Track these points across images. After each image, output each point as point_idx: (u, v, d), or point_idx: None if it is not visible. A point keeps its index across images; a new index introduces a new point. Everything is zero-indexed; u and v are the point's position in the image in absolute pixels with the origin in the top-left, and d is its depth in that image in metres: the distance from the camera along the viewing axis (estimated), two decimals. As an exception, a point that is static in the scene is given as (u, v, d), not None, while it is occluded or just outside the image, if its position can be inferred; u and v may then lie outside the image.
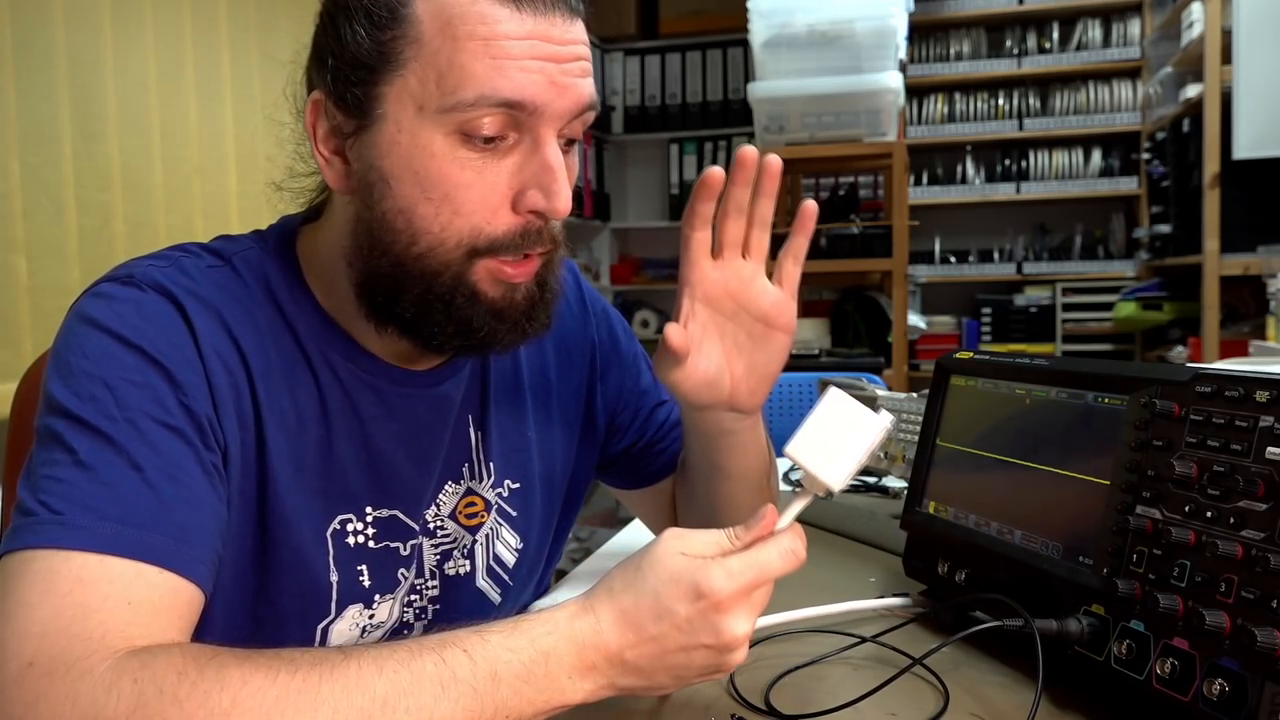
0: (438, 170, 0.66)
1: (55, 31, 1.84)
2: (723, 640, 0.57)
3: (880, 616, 0.84)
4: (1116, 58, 3.91)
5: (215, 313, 0.69)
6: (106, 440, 0.60)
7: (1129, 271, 3.90)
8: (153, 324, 0.65)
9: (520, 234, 0.68)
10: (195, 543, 0.61)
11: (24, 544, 0.56)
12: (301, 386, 0.73)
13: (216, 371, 0.67)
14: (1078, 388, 0.74)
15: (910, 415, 1.15)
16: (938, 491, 0.87)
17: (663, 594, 0.57)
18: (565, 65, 0.66)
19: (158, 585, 0.57)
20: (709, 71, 4.21)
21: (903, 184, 2.79)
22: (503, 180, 0.67)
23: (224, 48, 2.30)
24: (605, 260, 4.41)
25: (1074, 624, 0.66)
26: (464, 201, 0.66)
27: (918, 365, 3.78)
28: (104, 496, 0.58)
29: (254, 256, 0.74)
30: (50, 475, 0.59)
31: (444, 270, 0.68)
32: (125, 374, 0.62)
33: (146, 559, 0.57)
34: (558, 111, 0.66)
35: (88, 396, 0.61)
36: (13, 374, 0.94)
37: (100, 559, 0.56)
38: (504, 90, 0.64)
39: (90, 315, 0.65)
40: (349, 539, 0.75)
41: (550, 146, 0.67)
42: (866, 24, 2.60)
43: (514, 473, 0.85)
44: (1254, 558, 0.56)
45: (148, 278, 0.68)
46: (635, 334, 1.00)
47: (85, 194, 1.91)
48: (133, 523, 0.58)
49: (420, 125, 0.66)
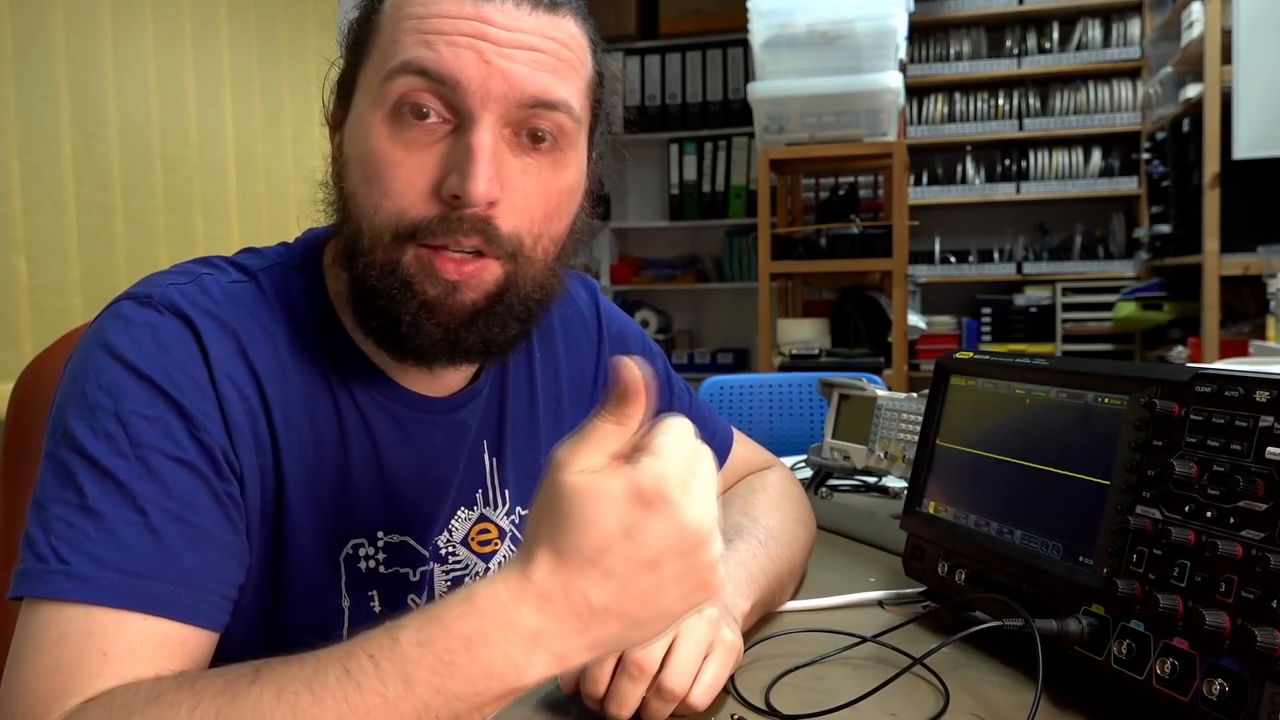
0: (373, 150, 0.65)
1: (55, 31, 1.84)
2: (688, 533, 0.52)
3: (880, 616, 0.84)
4: (1116, 58, 3.91)
5: (233, 336, 0.68)
6: (115, 483, 0.60)
7: (1129, 271, 3.90)
8: (167, 352, 0.65)
9: (439, 220, 0.64)
10: (199, 584, 0.61)
11: (33, 592, 0.58)
12: (320, 410, 0.72)
13: (231, 399, 0.66)
14: (1078, 388, 0.74)
15: (910, 415, 1.15)
16: (938, 491, 0.87)
17: (595, 518, 0.51)
18: (505, 49, 0.64)
19: (141, 632, 0.58)
20: (709, 71, 4.21)
21: (903, 184, 2.79)
22: (431, 163, 0.65)
23: (224, 48, 2.30)
24: (605, 260, 4.41)
25: (1074, 624, 0.66)
26: (391, 181, 0.65)
27: (918, 365, 3.78)
28: (109, 544, 0.59)
29: (279, 272, 0.73)
30: (62, 518, 0.60)
31: (379, 257, 0.66)
32: (138, 408, 0.62)
33: (135, 607, 0.58)
34: (489, 92, 0.64)
35: (101, 433, 0.61)
36: (12, 374, 0.94)
37: (85, 611, 0.57)
38: (426, 60, 0.63)
39: (107, 341, 0.65)
40: (360, 564, 0.74)
41: (478, 129, 0.64)
42: (866, 24, 2.60)
43: (527, 499, 0.84)
44: (1254, 558, 0.56)
45: (165, 299, 0.67)
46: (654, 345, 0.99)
47: (85, 194, 1.91)
48: (133, 570, 0.58)
49: (369, 108, 0.66)
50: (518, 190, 0.66)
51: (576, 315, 0.91)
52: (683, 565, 0.52)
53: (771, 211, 2.87)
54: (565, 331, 0.90)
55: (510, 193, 0.66)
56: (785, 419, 2.20)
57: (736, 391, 2.24)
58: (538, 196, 0.68)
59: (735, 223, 4.26)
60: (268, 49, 2.43)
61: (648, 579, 0.52)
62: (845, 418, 1.29)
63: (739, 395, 2.24)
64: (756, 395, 2.23)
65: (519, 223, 0.67)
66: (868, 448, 1.21)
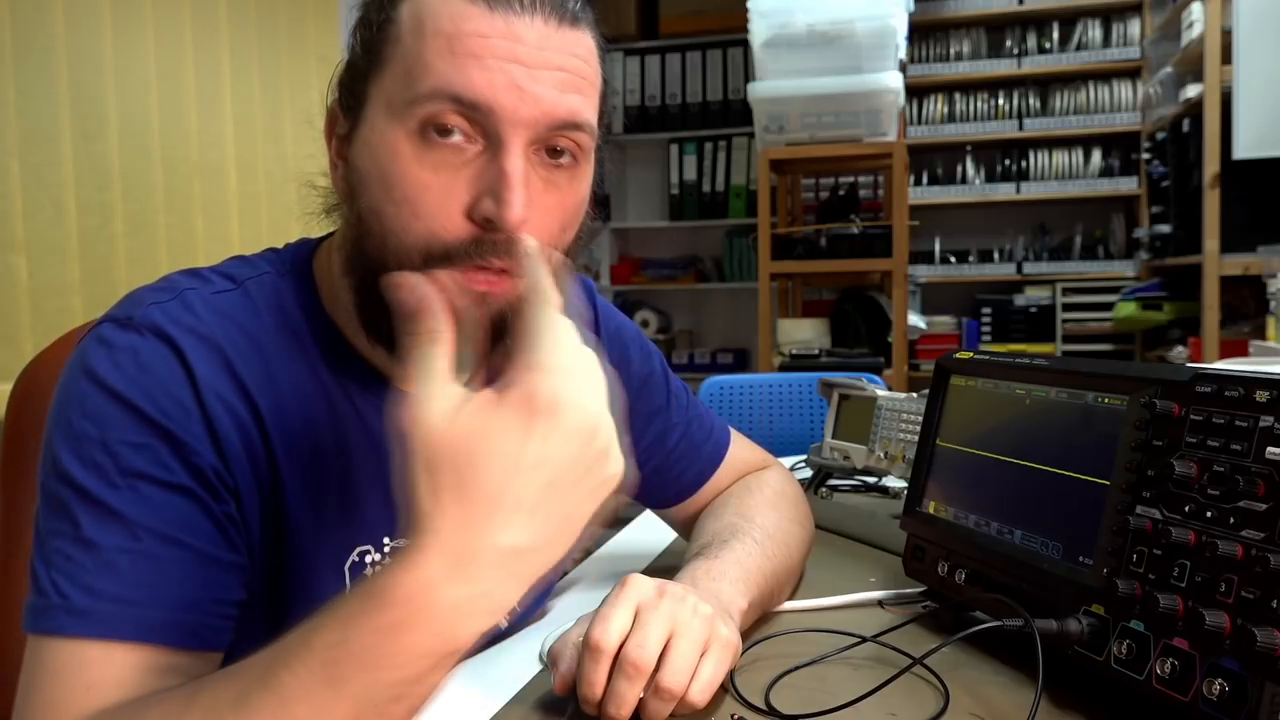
0: (400, 170, 0.64)
1: (55, 31, 1.84)
2: (579, 434, 0.50)
3: (880, 616, 0.84)
4: (1116, 58, 3.91)
5: (218, 351, 0.67)
6: (108, 513, 0.60)
7: (1129, 271, 3.90)
8: (151, 376, 0.64)
9: (473, 242, 0.63)
10: (197, 606, 0.61)
11: (36, 627, 0.59)
12: (317, 416, 0.71)
13: (221, 417, 0.65)
14: (1078, 388, 0.74)
15: (910, 415, 1.15)
16: (938, 491, 0.87)
17: (487, 457, 0.49)
18: (535, 71, 0.63)
19: (128, 662, 0.58)
20: (709, 71, 4.21)
21: (903, 184, 2.79)
22: (461, 186, 0.63)
23: (224, 48, 2.30)
24: (605, 260, 4.41)
25: (1074, 624, 0.66)
26: (421, 204, 0.64)
27: (918, 365, 3.78)
28: (105, 575, 0.59)
29: (268, 280, 0.72)
30: (60, 550, 0.60)
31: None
32: (124, 436, 0.62)
33: (124, 637, 0.58)
34: (521, 118, 0.63)
35: (90, 463, 0.61)
36: (12, 374, 0.94)
37: (78, 645, 0.58)
38: (457, 85, 0.62)
39: (90, 367, 0.64)
40: (366, 571, 0.74)
41: (510, 154, 0.63)
42: (866, 24, 2.60)
43: None
44: (1254, 558, 0.56)
45: (147, 320, 0.66)
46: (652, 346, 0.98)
47: (85, 194, 1.91)
48: (130, 599, 0.59)
49: (388, 124, 0.64)
50: (539, 208, 0.66)
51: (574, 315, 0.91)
52: (581, 467, 0.52)
53: (771, 211, 2.87)
54: None
55: (533, 212, 0.65)
56: (785, 419, 2.20)
57: (736, 391, 2.24)
58: (556, 211, 0.67)
59: (735, 223, 4.26)
60: (268, 49, 2.43)
61: (554, 497, 0.51)
62: (845, 418, 1.29)
63: (739, 395, 2.24)
64: (756, 395, 2.23)
65: (539, 238, 0.66)
66: (868, 448, 1.21)
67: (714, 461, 0.99)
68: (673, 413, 0.97)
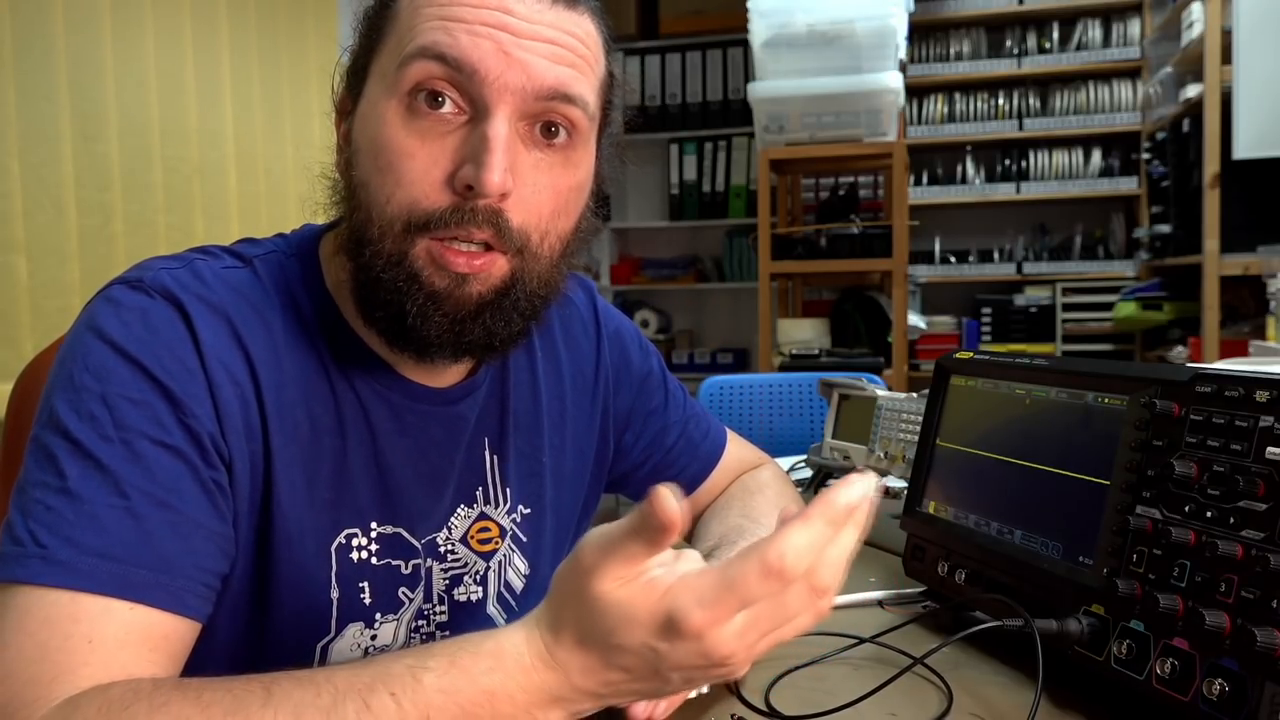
0: (387, 137, 0.65)
1: (55, 31, 1.84)
2: (703, 655, 0.50)
3: (880, 616, 0.84)
4: (1116, 58, 3.91)
5: (225, 320, 0.67)
6: (98, 465, 0.59)
7: (1129, 271, 3.90)
8: (156, 336, 0.64)
9: (452, 210, 0.64)
10: (181, 571, 0.60)
11: (10, 576, 0.57)
12: (316, 396, 0.71)
13: (222, 384, 0.65)
14: (1078, 388, 0.74)
15: (910, 415, 1.15)
16: (938, 491, 0.87)
17: (620, 631, 0.50)
18: (525, 41, 0.64)
19: (127, 621, 0.57)
20: (709, 71, 4.21)
21: (903, 184, 2.79)
22: (445, 154, 0.64)
23: (224, 48, 2.30)
24: (605, 260, 4.41)
25: (1074, 624, 0.66)
26: (405, 171, 0.64)
27: (918, 365, 3.78)
28: (89, 528, 0.58)
29: (276, 260, 0.73)
30: (41, 501, 0.59)
31: (388, 247, 0.66)
32: (124, 391, 0.62)
33: (119, 594, 0.57)
34: (507, 84, 0.63)
35: (86, 415, 0.61)
36: (12, 374, 0.94)
37: (71, 596, 0.56)
38: (443, 45, 0.63)
39: (96, 324, 0.64)
40: (353, 554, 0.74)
41: (493, 120, 0.63)
42: (866, 24, 2.61)
43: (527, 498, 0.84)
44: (1254, 558, 0.56)
45: (157, 283, 0.67)
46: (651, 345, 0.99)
47: (85, 194, 1.91)
48: (114, 556, 0.58)
49: (381, 95, 0.66)
50: (528, 184, 0.66)
51: (575, 315, 0.92)
52: (693, 671, 0.52)
53: (771, 211, 2.87)
54: (564, 331, 0.90)
55: (521, 186, 0.66)
56: (785, 419, 2.20)
57: (736, 391, 2.24)
58: (547, 192, 0.67)
59: (735, 223, 4.26)
60: (268, 49, 2.43)
61: (660, 678, 0.52)
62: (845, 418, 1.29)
63: (739, 395, 2.24)
64: (756, 395, 2.23)
65: (527, 217, 0.67)
66: (868, 448, 1.21)
67: (711, 460, 1.00)
68: (670, 412, 0.97)
